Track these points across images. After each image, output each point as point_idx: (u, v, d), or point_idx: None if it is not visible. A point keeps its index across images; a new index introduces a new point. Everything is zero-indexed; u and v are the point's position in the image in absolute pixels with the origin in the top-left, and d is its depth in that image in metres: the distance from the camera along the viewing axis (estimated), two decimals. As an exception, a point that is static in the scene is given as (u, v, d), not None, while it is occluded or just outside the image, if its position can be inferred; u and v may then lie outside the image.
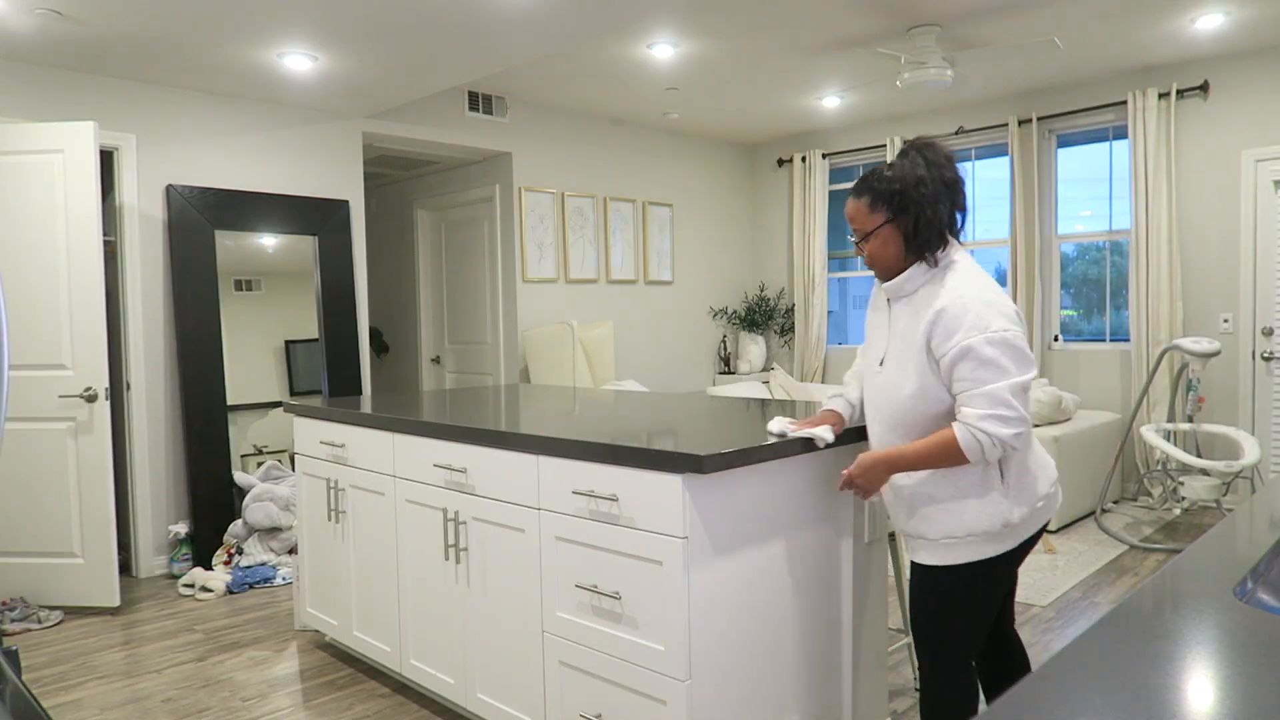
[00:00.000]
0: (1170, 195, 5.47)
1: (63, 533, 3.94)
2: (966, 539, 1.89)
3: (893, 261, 1.95)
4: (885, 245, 1.94)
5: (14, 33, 3.71)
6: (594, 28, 3.77)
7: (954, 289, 1.85)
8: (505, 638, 2.42)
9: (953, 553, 1.91)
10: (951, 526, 1.90)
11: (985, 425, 1.76)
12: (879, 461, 1.90)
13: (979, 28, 4.69)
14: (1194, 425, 4.95)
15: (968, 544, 1.89)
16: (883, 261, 1.96)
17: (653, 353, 6.90)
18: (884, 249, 1.94)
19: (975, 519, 1.87)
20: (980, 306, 1.81)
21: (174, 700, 3.00)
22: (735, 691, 2.03)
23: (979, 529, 1.87)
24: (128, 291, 4.46)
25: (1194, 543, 1.21)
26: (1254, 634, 0.87)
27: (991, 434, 1.76)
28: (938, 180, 1.88)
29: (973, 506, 1.88)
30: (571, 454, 2.15)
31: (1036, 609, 3.68)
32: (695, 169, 7.22)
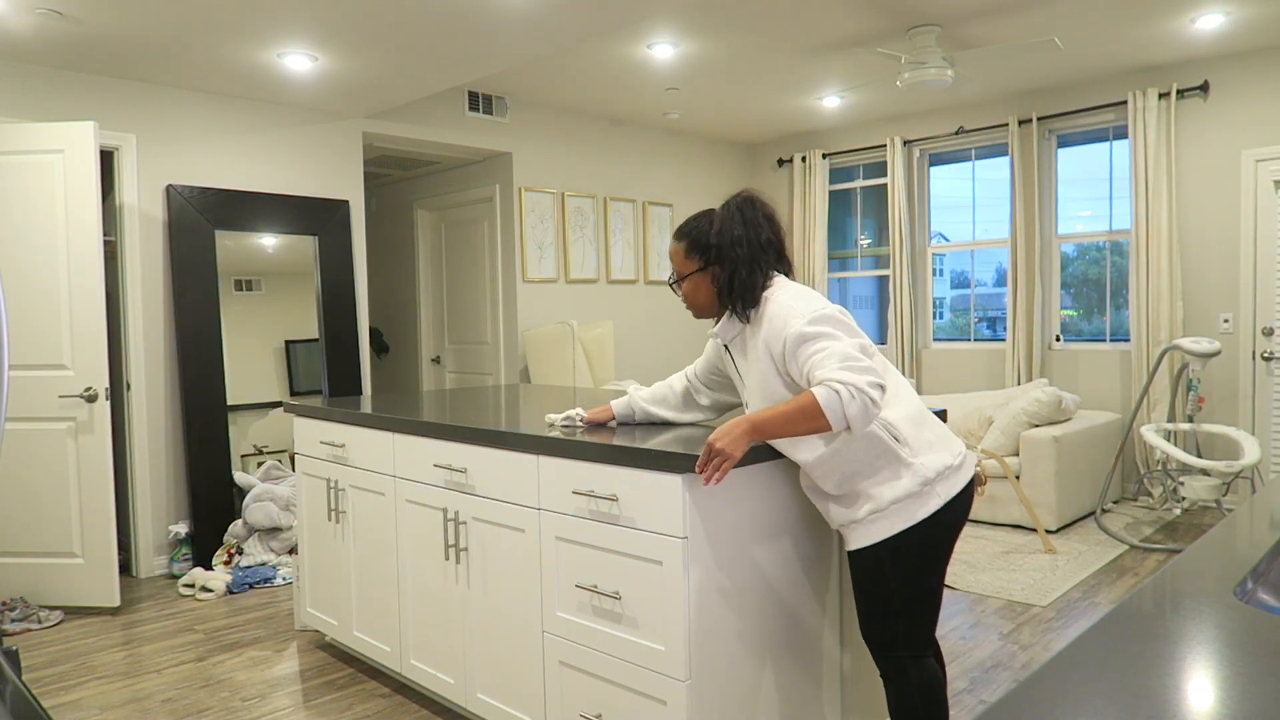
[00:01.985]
0: (1170, 195, 5.47)
1: (63, 533, 3.94)
2: (890, 508, 1.90)
3: (704, 306, 2.10)
4: (696, 289, 2.09)
5: (14, 33, 3.71)
6: (594, 28, 3.77)
7: (774, 308, 1.95)
8: (505, 638, 2.42)
9: (880, 525, 1.91)
10: (875, 502, 1.91)
11: (839, 375, 1.75)
12: (740, 423, 1.82)
13: (979, 28, 4.69)
14: (1194, 425, 4.94)
15: (894, 512, 1.90)
16: (694, 302, 2.11)
17: (653, 353, 6.90)
18: (695, 293, 2.10)
19: (893, 488, 1.89)
20: (794, 303, 1.92)
21: (174, 700, 3.00)
22: (735, 691, 2.03)
23: (901, 494, 1.89)
24: (128, 291, 4.46)
25: (1194, 543, 1.21)
26: (1254, 634, 0.87)
27: (847, 382, 1.73)
28: (753, 242, 2.00)
29: (886, 475, 1.90)
30: (571, 454, 2.15)
31: (1036, 609, 3.68)
32: (695, 169, 7.22)
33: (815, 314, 1.87)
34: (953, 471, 1.94)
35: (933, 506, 1.90)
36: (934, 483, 1.90)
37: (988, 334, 6.63)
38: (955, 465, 1.94)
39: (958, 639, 3.37)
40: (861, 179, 7.18)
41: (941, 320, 6.82)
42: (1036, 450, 4.95)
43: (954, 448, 1.97)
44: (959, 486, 1.94)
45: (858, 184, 7.21)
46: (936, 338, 6.78)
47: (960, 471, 1.96)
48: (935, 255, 6.78)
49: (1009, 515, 5.05)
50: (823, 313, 1.88)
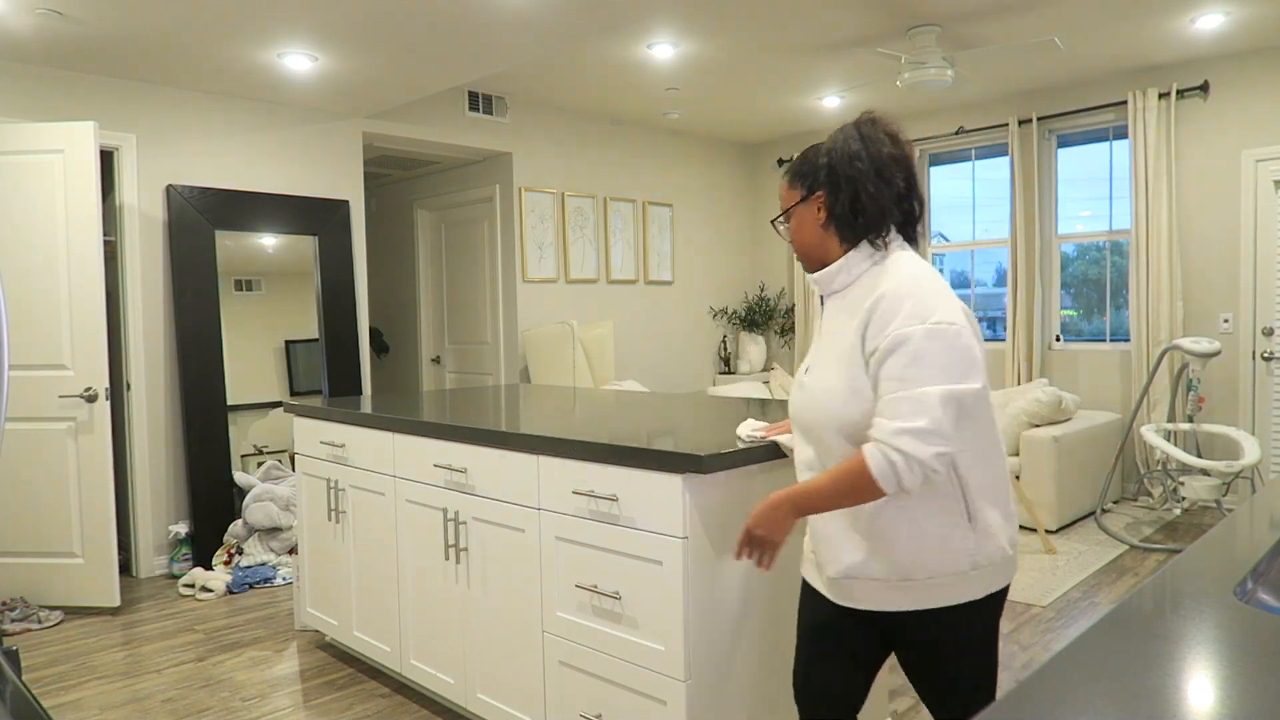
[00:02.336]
0: (1170, 195, 5.47)
1: (63, 533, 3.94)
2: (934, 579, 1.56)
3: (811, 247, 1.67)
4: (801, 227, 1.68)
5: (14, 33, 3.71)
6: (594, 28, 3.77)
7: (899, 274, 1.55)
8: (505, 638, 2.42)
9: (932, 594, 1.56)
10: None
11: (901, 442, 1.42)
12: (780, 503, 1.56)
13: (979, 28, 4.69)
14: (1194, 425, 4.94)
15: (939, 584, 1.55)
16: (801, 247, 1.69)
17: (653, 353, 6.90)
18: (799, 231, 1.68)
19: (939, 556, 1.55)
20: (927, 292, 1.50)
21: (174, 700, 3.00)
22: (735, 691, 2.03)
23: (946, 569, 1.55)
24: (128, 291, 4.46)
25: (1194, 543, 1.21)
26: (1254, 634, 0.87)
27: (908, 454, 1.41)
28: (876, 157, 1.59)
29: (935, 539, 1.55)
30: (571, 454, 2.15)
31: (1036, 609, 3.68)
32: (695, 169, 7.22)
33: (939, 326, 1.46)
34: (1002, 564, 1.60)
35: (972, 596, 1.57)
36: (984, 570, 1.57)
37: (988, 334, 6.63)
38: (1005, 555, 1.60)
39: (958, 639, 3.37)
40: (861, 179, 7.17)
41: (941, 320, 6.82)
42: (1036, 450, 4.95)
43: (1013, 534, 1.64)
44: (1002, 582, 1.62)
45: (858, 184, 7.20)
46: (936, 338, 6.77)
47: (1006, 568, 1.61)
48: (935, 255, 6.78)
49: (1009, 515, 5.04)
50: (950, 328, 1.47)
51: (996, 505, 1.61)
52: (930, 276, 1.55)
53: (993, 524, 1.58)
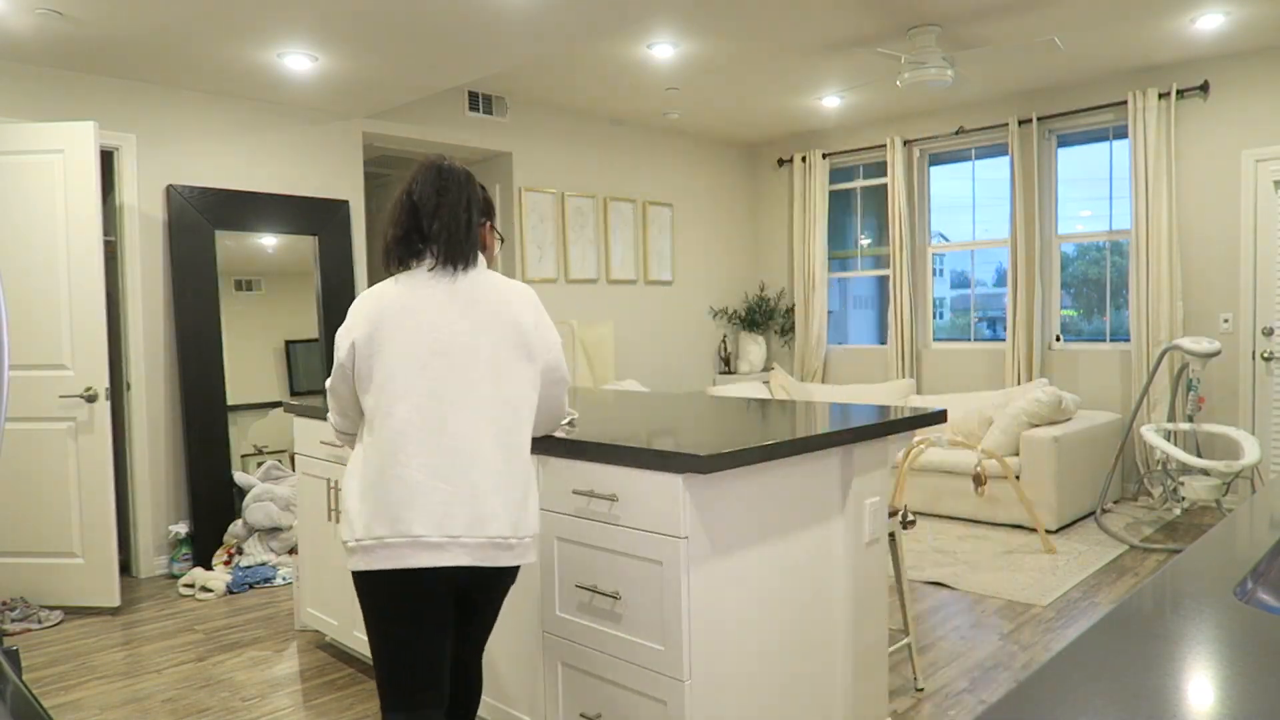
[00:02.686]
0: (1170, 195, 5.47)
1: (63, 533, 3.94)
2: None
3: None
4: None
5: (14, 33, 3.71)
6: (594, 28, 3.77)
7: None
8: (505, 638, 2.42)
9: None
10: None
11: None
12: None
13: (979, 28, 4.69)
14: (1194, 425, 4.94)
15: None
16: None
17: (653, 353, 6.90)
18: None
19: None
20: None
21: (174, 700, 3.00)
22: (735, 691, 2.03)
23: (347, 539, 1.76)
24: (128, 291, 4.46)
25: (1194, 543, 1.21)
26: (1254, 634, 0.87)
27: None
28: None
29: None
30: (571, 454, 2.15)
31: (1036, 609, 3.68)
32: (695, 169, 7.22)
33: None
34: (379, 547, 1.73)
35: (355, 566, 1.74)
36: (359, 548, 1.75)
37: (988, 334, 6.63)
38: (371, 542, 1.73)
39: (958, 639, 3.37)
40: (861, 179, 7.18)
41: (941, 320, 6.83)
42: (1036, 450, 4.95)
43: (391, 515, 1.72)
44: (392, 563, 1.72)
45: (858, 184, 7.21)
46: (936, 338, 6.78)
47: (387, 552, 1.72)
48: (935, 255, 6.78)
49: (1009, 515, 5.05)
50: (338, 332, 1.90)
51: (355, 494, 1.78)
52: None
53: (350, 509, 1.77)
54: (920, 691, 2.91)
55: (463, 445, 1.76)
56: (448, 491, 1.73)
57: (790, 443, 2.06)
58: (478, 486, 1.75)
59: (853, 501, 2.31)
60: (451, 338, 1.79)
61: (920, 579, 4.14)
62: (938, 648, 3.29)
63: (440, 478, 1.73)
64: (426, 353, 1.77)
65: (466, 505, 1.74)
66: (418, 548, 1.71)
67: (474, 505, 1.74)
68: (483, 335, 1.81)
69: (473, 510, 1.74)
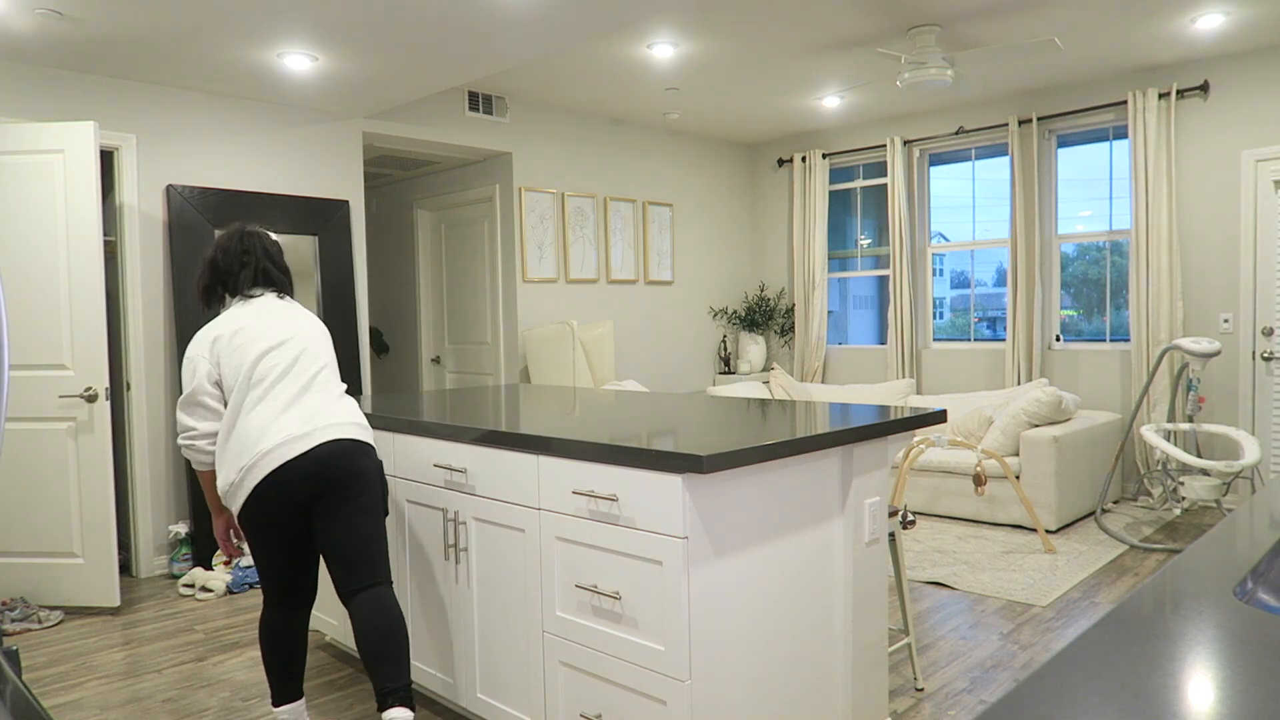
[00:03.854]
0: (1170, 195, 5.47)
1: (63, 533, 3.94)
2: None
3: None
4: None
5: (14, 33, 3.71)
6: (594, 28, 3.77)
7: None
8: (505, 638, 2.42)
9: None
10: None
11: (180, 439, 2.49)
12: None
13: (979, 28, 4.69)
14: (1194, 425, 4.95)
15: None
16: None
17: (653, 353, 6.90)
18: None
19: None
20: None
21: (174, 700, 3.00)
22: (735, 691, 2.03)
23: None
24: (128, 291, 4.46)
25: (1194, 543, 1.21)
26: (1254, 634, 0.87)
27: (180, 441, 2.48)
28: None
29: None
30: (571, 454, 2.15)
31: (1036, 609, 3.68)
32: (695, 169, 7.22)
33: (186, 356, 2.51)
34: (240, 478, 2.37)
35: (233, 505, 2.41)
36: (230, 489, 2.39)
37: (988, 334, 6.63)
38: (239, 475, 2.36)
39: (958, 639, 3.37)
40: (861, 179, 7.18)
41: (941, 320, 6.83)
42: (1036, 450, 4.95)
43: (249, 450, 2.35)
44: (247, 489, 2.36)
45: (858, 184, 7.21)
46: (936, 338, 6.78)
47: (247, 475, 2.36)
48: (935, 255, 6.78)
49: (1009, 515, 5.05)
50: (187, 354, 2.50)
51: (229, 448, 2.41)
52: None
53: (225, 460, 2.41)
54: (920, 691, 2.91)
55: (316, 383, 2.51)
56: (305, 411, 2.43)
57: (790, 443, 2.06)
58: (333, 404, 2.48)
59: (853, 501, 2.31)
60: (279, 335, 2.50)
61: (920, 579, 4.14)
62: (938, 648, 3.29)
63: (295, 402, 2.44)
64: (288, 355, 2.48)
65: (323, 414, 2.44)
66: (284, 450, 2.39)
67: (331, 414, 2.45)
68: (319, 339, 2.58)
69: (328, 417, 2.44)
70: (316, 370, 2.48)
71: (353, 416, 2.48)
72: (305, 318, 2.57)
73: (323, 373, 2.50)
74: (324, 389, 2.47)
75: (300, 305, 2.64)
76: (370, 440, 2.49)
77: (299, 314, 2.57)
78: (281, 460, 2.31)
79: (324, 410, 2.42)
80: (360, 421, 2.49)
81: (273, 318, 2.50)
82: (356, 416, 2.49)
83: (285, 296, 2.63)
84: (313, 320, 2.60)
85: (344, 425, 2.43)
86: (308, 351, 2.49)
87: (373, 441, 2.55)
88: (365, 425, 2.51)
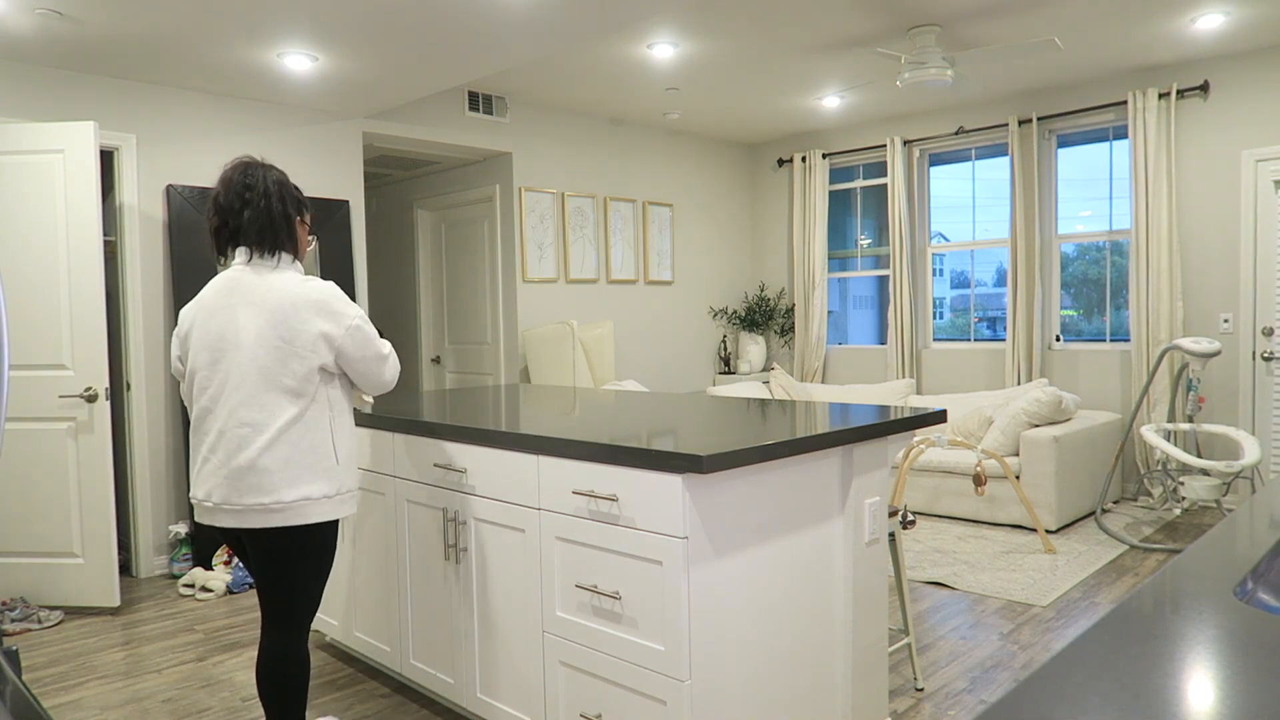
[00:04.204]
0: (1170, 195, 5.47)
1: (63, 533, 3.94)
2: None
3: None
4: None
5: (14, 33, 3.71)
6: (594, 28, 3.77)
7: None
8: (505, 638, 2.42)
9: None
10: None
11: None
12: None
13: (979, 28, 4.69)
14: (1194, 425, 4.94)
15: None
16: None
17: (653, 353, 6.90)
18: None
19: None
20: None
21: (174, 700, 3.00)
22: (735, 691, 2.03)
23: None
24: (128, 291, 4.46)
25: (1194, 543, 1.21)
26: (1254, 634, 0.87)
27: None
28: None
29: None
30: (571, 454, 2.15)
31: (1036, 609, 3.68)
32: (695, 169, 7.22)
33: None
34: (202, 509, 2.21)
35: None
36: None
37: (988, 334, 6.63)
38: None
39: (958, 639, 3.37)
40: (861, 179, 7.18)
41: (941, 320, 6.83)
42: (1036, 450, 4.95)
43: (198, 489, 2.20)
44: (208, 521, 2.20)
45: (858, 184, 7.21)
46: (936, 338, 6.78)
47: (204, 514, 2.21)
48: (935, 255, 6.78)
49: (1009, 515, 5.05)
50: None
51: (193, 456, 2.24)
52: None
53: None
54: (920, 691, 2.91)
55: (230, 426, 2.15)
56: (215, 464, 2.16)
57: (790, 443, 2.06)
58: (239, 460, 2.14)
59: (853, 501, 2.31)
60: (235, 334, 2.18)
61: (920, 579, 4.14)
62: (938, 648, 3.29)
63: (212, 452, 2.17)
64: (215, 350, 2.19)
65: (231, 477, 2.14)
66: (200, 511, 2.22)
67: (237, 477, 2.13)
68: (251, 334, 2.17)
69: (234, 481, 2.14)
70: (236, 404, 2.13)
71: (253, 490, 2.12)
72: (252, 312, 2.16)
73: (241, 410, 2.13)
74: (239, 432, 2.13)
75: (272, 274, 2.21)
76: (282, 505, 2.13)
77: (248, 305, 2.17)
78: (200, 520, 2.22)
79: (225, 480, 2.12)
80: (269, 486, 2.12)
81: (217, 317, 2.18)
82: (260, 486, 2.12)
83: (269, 256, 2.24)
84: (265, 306, 2.16)
85: (240, 512, 2.13)
86: (234, 374, 2.14)
87: (292, 500, 2.14)
88: (280, 484, 2.13)
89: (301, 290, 2.18)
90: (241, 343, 2.15)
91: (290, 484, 2.14)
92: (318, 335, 2.16)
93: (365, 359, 2.23)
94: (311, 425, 2.18)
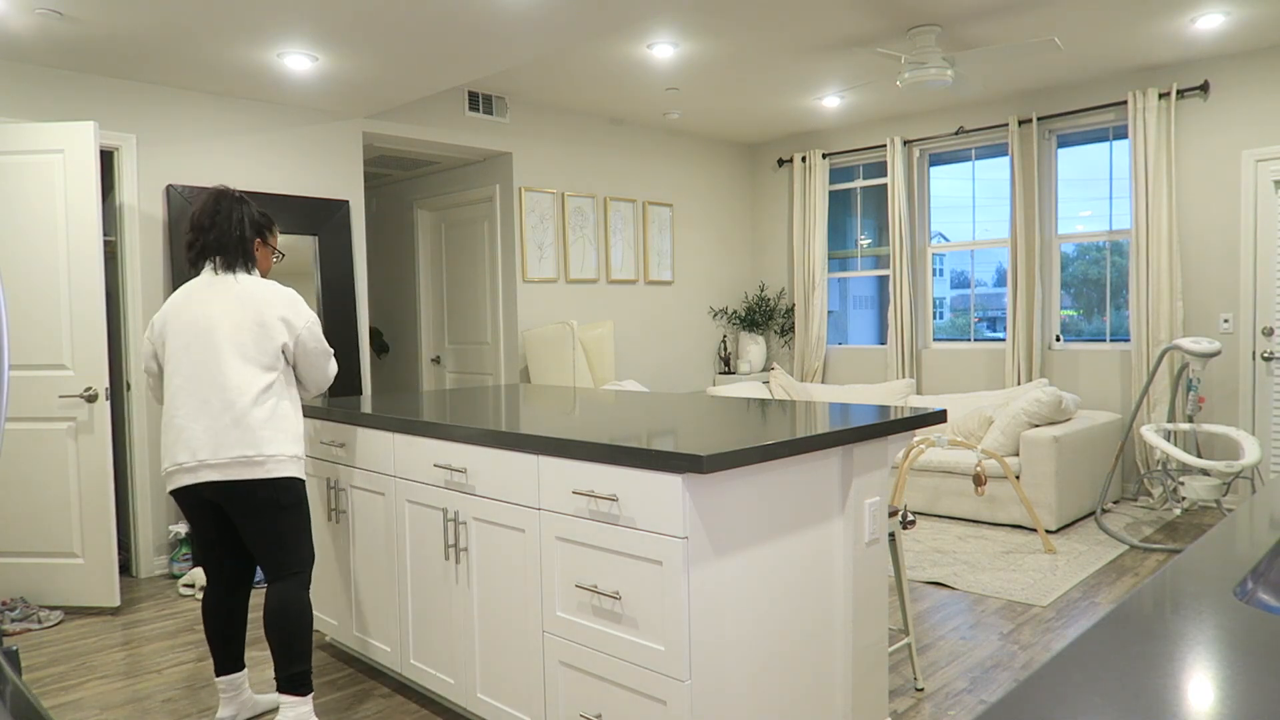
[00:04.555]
0: (1170, 195, 5.47)
1: (63, 533, 3.94)
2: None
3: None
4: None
5: (14, 33, 3.71)
6: (594, 28, 3.77)
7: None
8: (505, 638, 2.42)
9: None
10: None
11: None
12: None
13: (979, 28, 4.69)
14: (1194, 425, 4.95)
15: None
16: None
17: (653, 353, 6.90)
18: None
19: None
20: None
21: (174, 700, 3.00)
22: (735, 691, 2.03)
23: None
24: (128, 291, 4.46)
25: (1194, 543, 1.21)
26: (1254, 634, 0.87)
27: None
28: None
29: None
30: (571, 454, 2.15)
31: (1037, 609, 3.68)
32: (695, 169, 7.22)
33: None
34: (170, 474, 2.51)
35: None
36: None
37: (988, 334, 6.63)
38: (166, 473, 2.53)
39: (958, 639, 3.37)
40: (861, 179, 7.18)
41: (941, 320, 6.83)
42: (1036, 450, 4.95)
43: (170, 458, 2.49)
44: (172, 485, 2.52)
45: (858, 184, 7.21)
46: (936, 338, 6.78)
47: (170, 478, 2.51)
48: (935, 255, 6.78)
49: (1009, 515, 5.05)
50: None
51: (162, 439, 2.56)
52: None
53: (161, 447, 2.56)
54: (920, 691, 2.91)
55: (213, 394, 2.49)
56: (201, 428, 2.46)
57: (790, 443, 2.06)
58: (225, 419, 2.46)
59: (853, 501, 2.31)
60: (208, 322, 2.53)
61: (920, 579, 4.14)
62: (938, 648, 3.29)
63: (193, 419, 2.47)
64: (190, 335, 2.52)
65: (218, 433, 2.45)
66: (180, 474, 2.49)
67: (223, 432, 2.45)
68: (227, 320, 2.53)
69: (220, 436, 2.45)
70: (217, 373, 2.49)
71: (238, 444, 2.46)
72: (225, 302, 2.54)
73: (222, 377, 2.48)
74: (224, 395, 2.47)
75: (237, 279, 2.60)
76: (263, 458, 2.48)
77: (220, 298, 2.56)
78: (178, 485, 2.49)
79: (209, 438, 2.45)
80: (252, 440, 2.47)
81: (191, 310, 2.55)
82: (245, 439, 2.46)
83: (228, 271, 2.62)
84: (235, 298, 2.55)
85: (225, 466, 2.45)
86: (212, 352, 2.50)
87: (272, 454, 2.50)
88: (263, 439, 2.48)
89: (269, 287, 2.61)
90: (217, 326, 2.51)
91: (269, 441, 2.49)
92: (281, 320, 2.57)
93: (318, 352, 2.66)
94: (280, 394, 2.56)
